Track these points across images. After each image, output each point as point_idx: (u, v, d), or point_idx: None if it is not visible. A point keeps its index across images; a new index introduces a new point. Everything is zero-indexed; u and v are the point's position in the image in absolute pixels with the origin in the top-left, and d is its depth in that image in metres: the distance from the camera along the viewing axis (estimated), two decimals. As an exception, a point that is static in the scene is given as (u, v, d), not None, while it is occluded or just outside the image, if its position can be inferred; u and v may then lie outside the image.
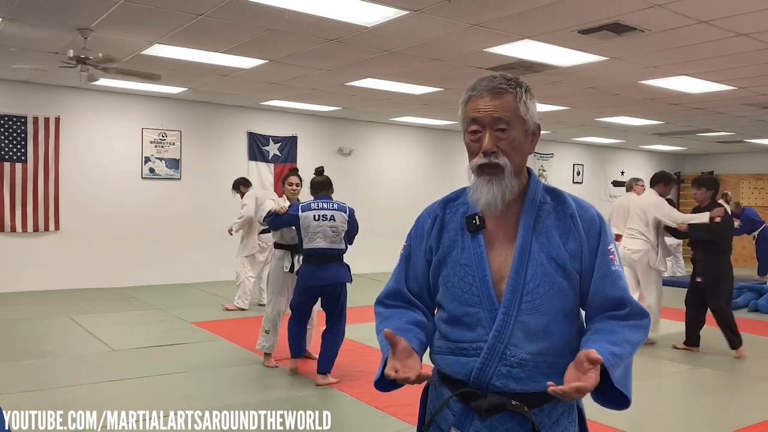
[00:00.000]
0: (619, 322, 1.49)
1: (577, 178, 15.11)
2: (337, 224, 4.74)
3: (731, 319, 5.86)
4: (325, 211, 4.73)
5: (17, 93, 8.60)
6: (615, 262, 1.53)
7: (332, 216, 4.73)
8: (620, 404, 1.47)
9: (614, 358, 1.41)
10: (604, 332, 1.48)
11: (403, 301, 1.65)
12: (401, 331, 1.51)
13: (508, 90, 1.51)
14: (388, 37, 5.79)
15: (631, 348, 1.46)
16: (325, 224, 4.70)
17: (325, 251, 4.72)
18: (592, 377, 1.33)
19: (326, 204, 4.78)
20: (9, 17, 5.51)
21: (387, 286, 1.69)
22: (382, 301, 1.68)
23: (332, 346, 4.77)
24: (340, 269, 4.78)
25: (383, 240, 9.52)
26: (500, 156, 1.50)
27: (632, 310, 1.50)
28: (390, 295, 1.67)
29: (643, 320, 1.51)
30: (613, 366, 1.40)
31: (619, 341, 1.44)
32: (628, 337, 1.46)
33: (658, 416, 4.24)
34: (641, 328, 1.50)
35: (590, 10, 4.88)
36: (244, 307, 7.56)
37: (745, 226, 11.57)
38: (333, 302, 4.80)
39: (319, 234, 4.70)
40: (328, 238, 4.71)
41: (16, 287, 8.50)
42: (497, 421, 1.47)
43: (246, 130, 10.56)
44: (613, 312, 1.51)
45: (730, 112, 9.60)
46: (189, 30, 5.72)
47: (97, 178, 9.24)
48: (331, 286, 4.75)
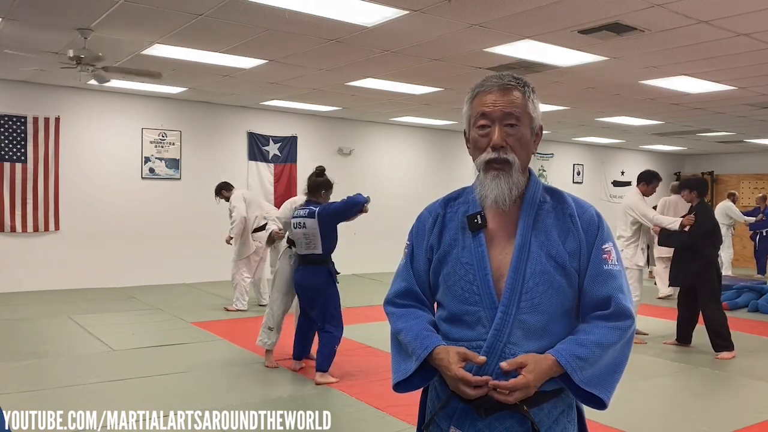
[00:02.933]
0: (601, 323, 1.50)
1: (577, 178, 15.11)
2: (308, 230, 4.74)
3: (718, 323, 5.84)
4: (300, 219, 4.79)
5: (17, 93, 8.60)
6: (609, 262, 1.53)
7: (303, 223, 4.77)
8: (597, 404, 1.48)
9: (576, 361, 1.43)
10: (579, 333, 1.50)
11: (414, 299, 1.65)
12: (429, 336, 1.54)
13: (517, 87, 1.53)
14: (388, 37, 5.79)
15: (601, 350, 1.46)
16: (300, 231, 4.78)
17: (305, 256, 4.84)
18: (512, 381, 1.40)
19: (303, 211, 4.81)
20: (9, 17, 5.51)
21: (395, 285, 1.68)
22: (392, 301, 1.67)
23: (327, 344, 4.78)
24: (315, 273, 4.80)
25: (383, 240, 9.53)
26: (509, 152, 1.51)
27: (615, 310, 1.50)
28: (400, 294, 1.66)
29: (622, 321, 1.50)
30: (575, 368, 1.43)
31: (587, 343, 1.46)
32: (600, 340, 1.46)
33: (658, 416, 4.24)
34: (619, 329, 1.49)
35: (590, 10, 4.88)
36: (244, 308, 7.56)
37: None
38: (312, 303, 4.85)
39: (298, 240, 4.84)
40: (303, 245, 4.80)
41: (16, 287, 8.50)
42: (497, 420, 1.48)
43: (246, 130, 10.56)
44: (599, 312, 1.51)
45: (730, 112, 9.61)
46: (189, 30, 5.72)
47: (97, 178, 9.25)
48: (305, 288, 4.86)
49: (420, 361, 1.50)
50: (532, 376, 1.41)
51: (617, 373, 1.50)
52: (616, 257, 1.55)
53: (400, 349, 1.60)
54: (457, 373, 1.43)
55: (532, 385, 1.41)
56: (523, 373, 1.41)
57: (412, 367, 1.52)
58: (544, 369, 1.43)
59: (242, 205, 7.48)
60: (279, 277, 5.24)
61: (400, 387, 1.57)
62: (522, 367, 1.42)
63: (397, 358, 1.61)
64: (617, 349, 1.49)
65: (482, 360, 1.45)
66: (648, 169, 6.52)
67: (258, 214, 7.62)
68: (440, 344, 1.51)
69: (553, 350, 1.46)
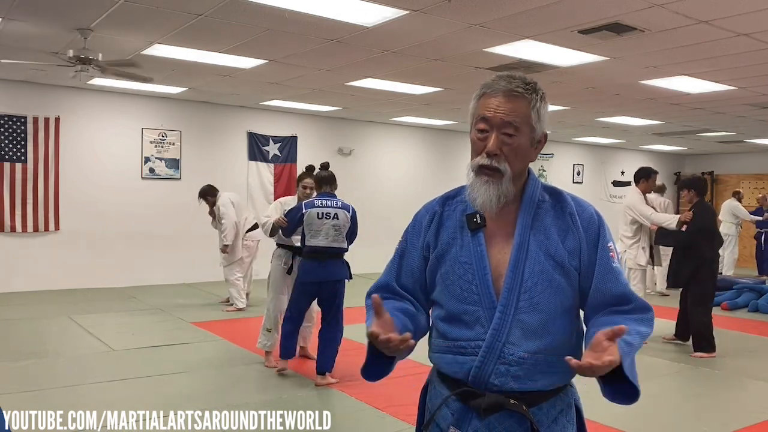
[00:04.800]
0: (625, 316, 1.48)
1: (577, 178, 15.11)
2: (340, 222, 4.73)
3: (702, 325, 5.84)
4: (329, 209, 4.71)
5: (17, 93, 8.61)
6: (614, 259, 1.53)
7: (336, 214, 4.72)
8: (629, 397, 1.42)
9: (626, 346, 1.38)
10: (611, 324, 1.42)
11: (392, 294, 1.65)
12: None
13: (524, 95, 1.50)
14: (388, 37, 5.79)
15: (641, 339, 1.45)
16: (329, 222, 4.69)
17: (326, 249, 4.70)
18: (614, 350, 1.31)
19: (330, 201, 4.75)
20: (9, 17, 5.51)
21: (378, 280, 1.70)
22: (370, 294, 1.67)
23: (330, 345, 4.76)
24: (339, 266, 4.77)
25: (383, 240, 9.49)
26: (502, 161, 1.50)
27: (636, 305, 1.50)
28: (380, 289, 1.67)
29: (647, 314, 1.51)
30: (625, 354, 1.36)
31: (630, 331, 1.40)
32: (637, 328, 1.45)
33: (658, 416, 4.24)
34: (647, 321, 1.50)
35: (590, 10, 4.88)
36: (243, 307, 7.56)
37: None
38: (330, 299, 4.78)
39: (321, 232, 4.68)
40: (330, 237, 4.69)
41: (16, 287, 8.50)
42: (496, 420, 1.47)
43: (246, 130, 10.56)
44: (617, 308, 1.50)
45: (730, 112, 9.60)
46: (189, 30, 5.72)
47: (97, 178, 9.24)
48: (328, 282, 4.74)
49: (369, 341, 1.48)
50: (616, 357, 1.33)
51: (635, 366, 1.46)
52: (618, 255, 1.57)
53: None
54: (371, 329, 1.42)
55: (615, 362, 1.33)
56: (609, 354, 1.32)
57: (367, 348, 1.52)
58: None
59: (232, 210, 7.44)
60: (273, 278, 5.23)
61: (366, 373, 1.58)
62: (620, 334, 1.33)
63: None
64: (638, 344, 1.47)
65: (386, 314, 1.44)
66: (641, 167, 6.52)
67: (247, 216, 7.62)
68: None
69: None
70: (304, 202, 4.81)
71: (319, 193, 4.85)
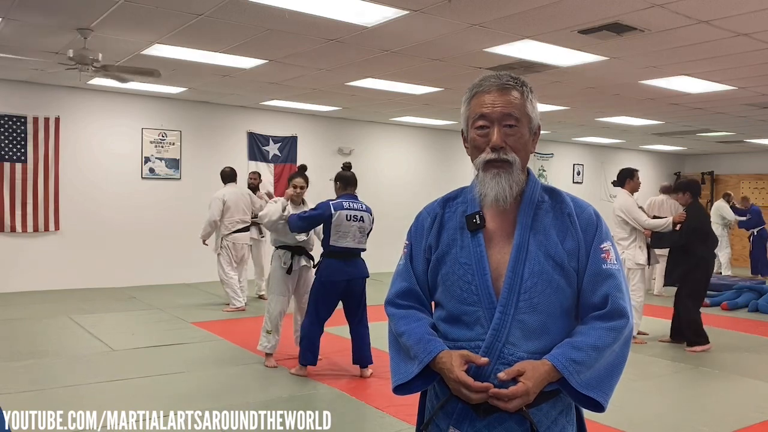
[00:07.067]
0: (597, 324, 1.49)
1: (577, 178, 15.11)
2: (365, 225, 4.91)
3: (690, 319, 6.00)
4: (356, 212, 4.85)
5: (17, 93, 8.60)
6: (608, 261, 1.52)
7: (362, 217, 4.87)
8: (595, 407, 1.47)
9: (573, 365, 1.42)
10: (575, 335, 1.49)
11: (415, 300, 1.64)
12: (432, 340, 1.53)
13: (516, 87, 1.52)
14: (388, 37, 5.79)
15: (597, 353, 1.45)
16: (356, 225, 4.83)
17: (351, 250, 4.85)
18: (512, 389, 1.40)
19: (357, 204, 4.90)
20: (9, 17, 5.51)
21: (396, 285, 1.67)
22: (393, 302, 1.66)
23: (366, 338, 4.92)
24: (362, 265, 4.96)
25: (383, 240, 9.49)
26: (509, 152, 1.51)
27: (610, 309, 1.49)
28: (401, 295, 1.65)
29: (617, 321, 1.48)
30: (572, 373, 1.42)
31: (583, 346, 1.44)
32: (596, 342, 1.45)
33: (658, 416, 4.23)
34: (614, 330, 1.47)
35: (590, 10, 4.88)
36: (242, 306, 7.56)
37: (754, 216, 12.32)
38: (357, 296, 4.93)
39: (349, 234, 4.81)
40: (356, 238, 4.85)
41: (16, 287, 8.50)
42: (495, 420, 1.48)
43: (246, 130, 10.56)
44: (596, 312, 1.50)
45: (730, 112, 9.60)
46: (189, 30, 5.72)
47: (97, 178, 9.25)
48: (356, 280, 4.88)
49: (423, 365, 1.50)
50: (531, 383, 1.40)
51: (615, 375, 1.50)
52: (615, 256, 1.55)
53: (400, 351, 1.59)
54: (460, 376, 1.43)
55: (531, 392, 1.40)
56: (521, 380, 1.41)
57: (414, 370, 1.52)
58: (542, 375, 1.42)
59: (217, 209, 7.46)
60: (273, 279, 5.23)
61: (400, 390, 1.57)
62: (520, 374, 1.41)
63: (396, 360, 1.60)
64: (615, 351, 1.48)
65: (485, 361, 1.45)
66: (623, 168, 6.53)
67: (237, 219, 7.58)
68: (443, 349, 1.50)
69: (550, 355, 1.45)
70: (332, 203, 4.82)
71: (344, 195, 4.94)
